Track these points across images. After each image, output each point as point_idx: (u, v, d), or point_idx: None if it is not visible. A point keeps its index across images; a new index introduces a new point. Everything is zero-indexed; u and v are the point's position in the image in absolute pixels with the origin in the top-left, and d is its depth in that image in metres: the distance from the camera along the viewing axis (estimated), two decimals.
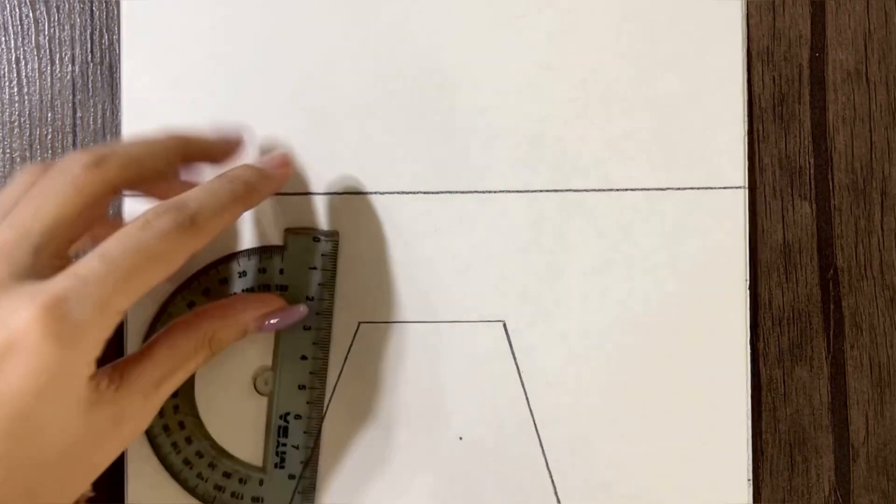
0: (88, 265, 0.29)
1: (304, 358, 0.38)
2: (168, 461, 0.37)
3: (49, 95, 0.39)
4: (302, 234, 0.38)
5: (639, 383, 0.38)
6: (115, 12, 0.39)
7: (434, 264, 0.39)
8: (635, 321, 0.38)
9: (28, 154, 0.39)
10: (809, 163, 0.39)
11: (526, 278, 0.38)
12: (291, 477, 0.38)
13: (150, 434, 0.37)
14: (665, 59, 0.39)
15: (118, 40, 0.39)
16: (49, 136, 0.39)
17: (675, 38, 0.39)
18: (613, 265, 0.38)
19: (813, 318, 0.39)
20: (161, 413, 0.37)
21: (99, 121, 0.39)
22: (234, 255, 0.38)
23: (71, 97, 0.39)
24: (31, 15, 0.39)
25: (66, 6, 0.39)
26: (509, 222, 0.39)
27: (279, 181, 0.36)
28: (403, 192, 0.39)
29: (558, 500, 0.38)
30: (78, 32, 0.39)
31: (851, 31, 0.39)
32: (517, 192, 0.39)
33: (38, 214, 0.30)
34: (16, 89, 0.39)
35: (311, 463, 0.38)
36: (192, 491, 0.37)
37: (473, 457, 0.38)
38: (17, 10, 0.39)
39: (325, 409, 0.38)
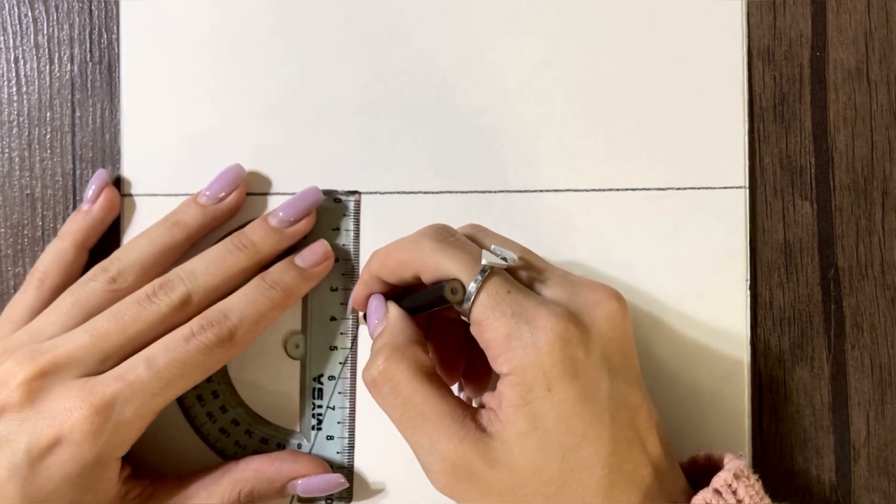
0: (135, 371, 0.32)
1: (333, 319, 0.38)
2: (204, 431, 0.38)
3: (48, 95, 0.39)
4: (318, 189, 0.38)
5: None
6: (115, 12, 0.39)
7: None
8: (635, 321, 0.38)
9: (27, 153, 0.39)
10: (810, 162, 0.39)
11: None
12: (330, 438, 0.38)
13: (184, 405, 0.38)
14: (665, 59, 0.39)
15: (117, 40, 0.39)
16: (48, 136, 0.39)
17: (675, 38, 0.39)
18: (613, 265, 0.38)
19: (814, 318, 0.39)
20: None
21: (98, 120, 0.39)
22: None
23: (70, 97, 0.39)
24: (29, 14, 0.39)
25: (65, 6, 0.39)
26: (509, 222, 0.38)
27: (319, 279, 0.37)
28: (403, 192, 0.39)
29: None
30: (77, 32, 0.39)
31: (852, 30, 0.39)
32: (517, 192, 0.39)
33: (119, 338, 0.33)
34: (14, 89, 0.39)
35: (347, 423, 0.38)
36: (230, 458, 0.38)
37: None
38: (16, 10, 0.39)
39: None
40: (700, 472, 0.33)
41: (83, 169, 0.39)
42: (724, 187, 0.39)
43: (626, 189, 0.39)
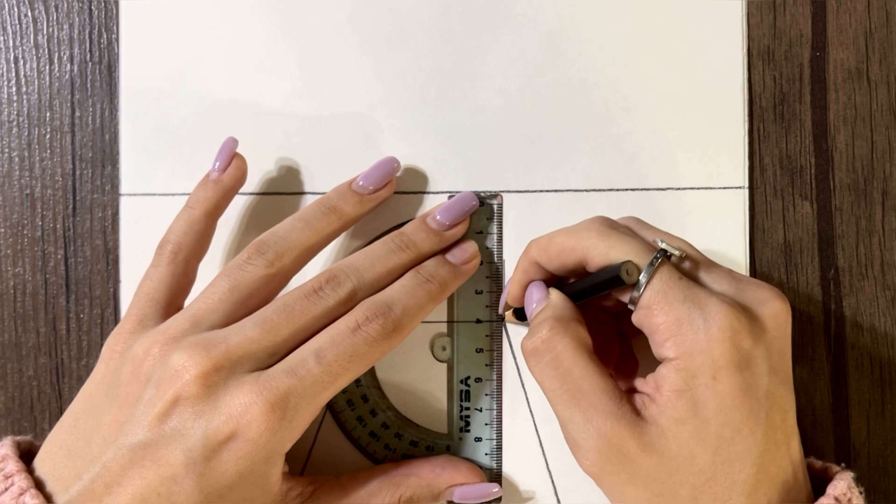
0: (306, 365, 0.32)
1: (478, 321, 0.38)
2: (354, 435, 0.38)
3: (48, 95, 0.39)
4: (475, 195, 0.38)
5: None
6: (114, 12, 0.39)
7: None
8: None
9: (27, 153, 0.39)
10: (810, 162, 0.39)
11: None
12: (478, 440, 0.38)
13: (334, 409, 0.38)
14: (665, 59, 0.39)
15: (117, 40, 0.39)
16: (48, 136, 0.39)
17: (675, 38, 0.39)
18: None
19: (814, 318, 0.39)
20: (344, 389, 0.37)
21: (97, 120, 0.39)
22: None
23: (69, 96, 0.39)
24: (29, 14, 0.39)
25: (65, 5, 0.39)
26: (509, 222, 0.39)
27: (468, 276, 0.37)
28: (403, 192, 0.39)
29: (558, 500, 0.38)
30: (77, 32, 0.39)
31: (852, 30, 0.39)
32: (518, 192, 0.39)
33: (288, 331, 0.33)
34: (14, 89, 0.39)
35: (495, 424, 0.38)
36: (380, 462, 0.38)
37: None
38: (16, 10, 0.39)
39: (325, 410, 0.38)
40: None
41: (83, 169, 0.39)
42: (724, 187, 0.39)
43: (626, 189, 0.39)
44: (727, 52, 0.39)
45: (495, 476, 0.38)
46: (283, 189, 0.38)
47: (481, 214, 0.38)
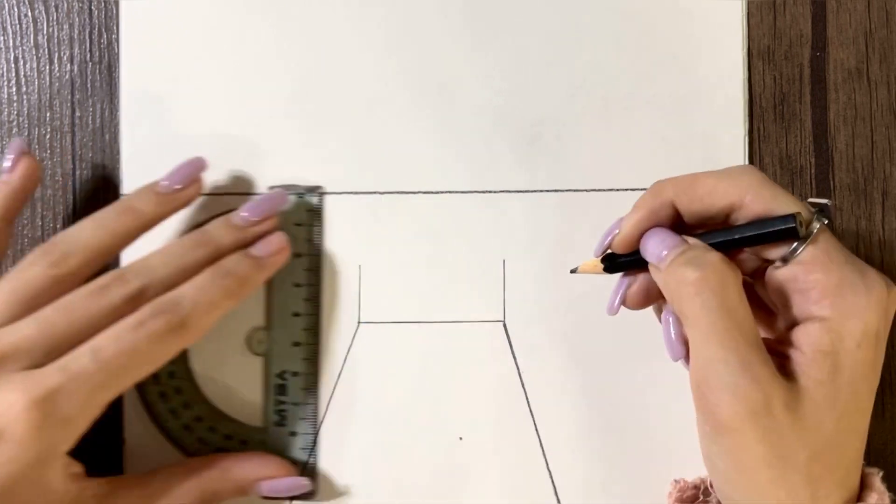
0: (80, 362, 0.31)
1: (296, 315, 0.38)
2: (167, 427, 0.37)
3: (48, 95, 0.39)
4: (286, 191, 0.38)
5: (639, 383, 0.38)
6: (114, 12, 0.39)
7: (434, 264, 0.38)
8: (635, 321, 0.38)
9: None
10: (810, 162, 0.39)
11: (526, 278, 0.38)
12: (293, 434, 0.38)
13: (146, 401, 0.37)
14: (665, 59, 0.39)
15: (117, 40, 0.39)
16: (48, 136, 0.39)
17: (675, 38, 0.39)
18: None
19: None
20: (157, 380, 0.37)
21: (98, 120, 0.39)
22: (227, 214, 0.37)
23: (69, 97, 0.39)
24: (29, 14, 0.39)
25: (65, 5, 0.39)
26: (509, 222, 0.39)
27: (274, 268, 0.36)
28: (403, 192, 0.39)
29: (558, 500, 0.38)
30: (77, 32, 0.39)
31: (852, 30, 0.39)
32: (517, 192, 0.39)
33: (67, 329, 0.32)
34: (14, 89, 0.39)
35: (311, 419, 0.38)
36: (193, 455, 0.37)
37: (473, 457, 0.38)
38: (16, 10, 0.39)
39: (325, 409, 0.38)
40: None
41: (83, 169, 0.39)
42: None
43: (626, 189, 0.39)
44: (727, 52, 0.39)
45: (310, 470, 0.38)
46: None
47: (301, 207, 0.38)
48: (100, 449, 0.32)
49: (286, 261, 0.36)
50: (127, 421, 0.38)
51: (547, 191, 0.39)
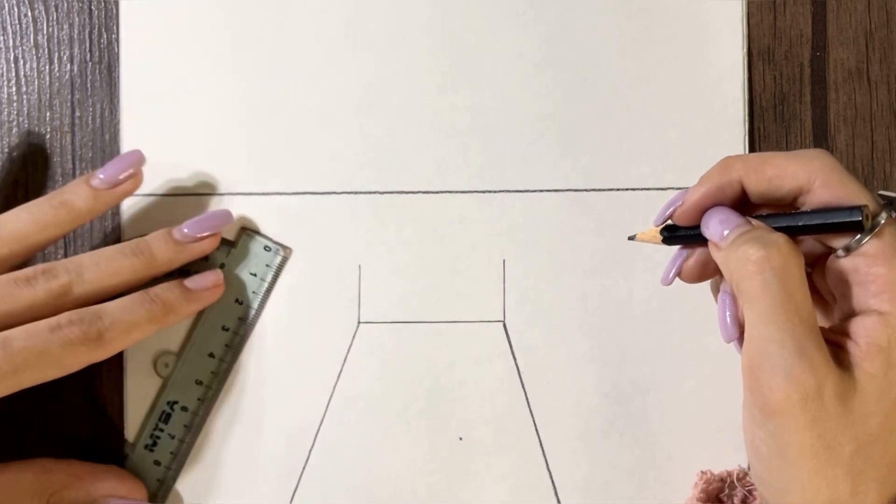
0: None
1: (211, 356, 0.38)
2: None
3: (48, 95, 0.39)
4: (255, 238, 0.38)
5: (639, 383, 0.38)
6: (114, 11, 0.39)
7: (434, 264, 0.39)
8: (635, 321, 0.38)
9: (27, 153, 0.39)
10: None
11: (526, 278, 0.38)
12: (157, 463, 0.38)
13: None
14: (665, 59, 0.39)
15: (117, 40, 0.39)
16: (48, 136, 0.39)
17: (675, 38, 0.39)
18: (613, 265, 0.38)
19: None
20: None
21: (97, 120, 0.39)
22: None
23: (69, 96, 0.39)
24: (29, 14, 0.39)
25: (65, 5, 0.39)
26: (509, 222, 0.39)
27: (204, 303, 0.36)
28: (403, 192, 0.39)
29: (558, 501, 0.38)
30: (77, 32, 0.39)
31: (852, 30, 0.39)
32: (517, 191, 0.39)
33: None
34: (14, 88, 0.39)
35: (179, 457, 0.38)
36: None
37: (473, 457, 0.38)
38: (16, 9, 0.39)
39: (325, 409, 0.38)
40: None
41: (83, 169, 0.39)
42: None
43: (626, 189, 0.39)
44: (727, 52, 0.39)
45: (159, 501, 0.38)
46: (283, 189, 0.38)
47: (262, 259, 0.38)
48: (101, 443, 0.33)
49: (217, 298, 0.37)
50: (127, 421, 0.38)
51: (547, 191, 0.39)
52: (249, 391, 0.38)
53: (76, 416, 0.38)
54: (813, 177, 0.30)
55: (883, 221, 0.29)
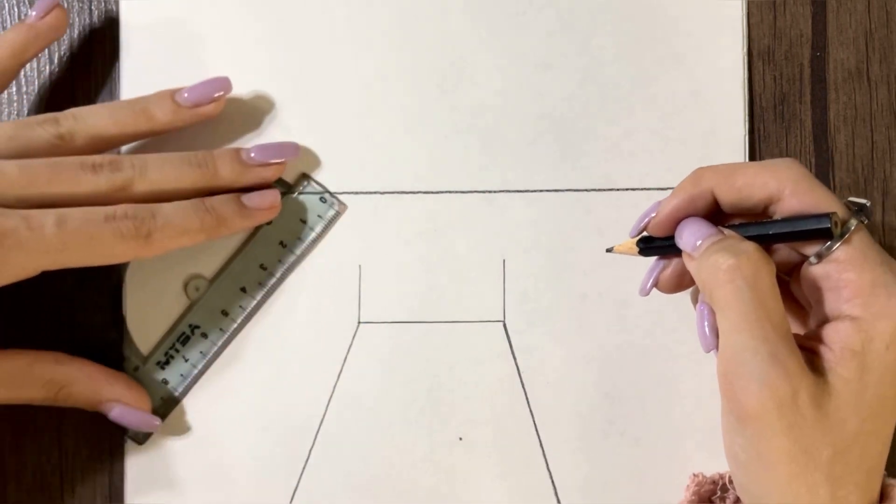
0: (42, 221, 0.31)
1: (243, 290, 0.38)
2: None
3: (47, 95, 0.39)
4: (312, 185, 0.38)
5: (639, 384, 0.38)
6: (115, 12, 0.39)
7: (434, 264, 0.39)
8: (635, 321, 0.38)
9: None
10: (811, 162, 0.39)
11: (526, 278, 0.38)
12: (164, 382, 0.38)
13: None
14: (665, 59, 0.39)
15: (117, 40, 0.39)
16: None
17: (675, 38, 0.39)
18: (613, 265, 0.38)
19: None
20: None
21: None
22: None
23: (70, 97, 0.39)
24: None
25: (65, 6, 0.39)
26: (509, 222, 0.39)
27: (257, 221, 0.37)
28: (403, 192, 0.39)
29: (558, 500, 0.38)
30: (77, 32, 0.39)
31: (852, 30, 0.39)
32: (517, 191, 0.39)
33: (46, 188, 0.33)
34: (14, 88, 0.39)
35: (188, 382, 0.38)
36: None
37: (473, 457, 0.38)
38: (16, 10, 0.39)
39: (325, 409, 0.38)
40: None
41: None
42: None
43: (626, 189, 0.39)
44: (727, 51, 0.39)
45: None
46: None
47: (315, 209, 0.38)
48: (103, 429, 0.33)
49: (271, 218, 0.37)
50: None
51: (547, 191, 0.39)
52: (249, 391, 0.38)
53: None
54: (782, 186, 0.30)
55: (853, 228, 0.29)
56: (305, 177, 0.38)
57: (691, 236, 0.31)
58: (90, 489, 0.38)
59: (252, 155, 0.36)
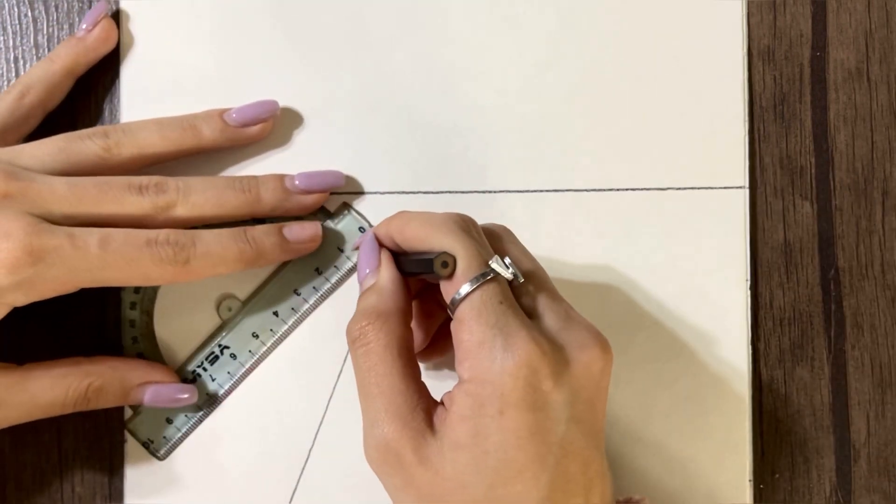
0: (87, 239, 0.32)
1: (275, 314, 0.38)
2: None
3: None
4: (352, 215, 0.38)
5: (639, 384, 0.38)
6: (114, 12, 0.39)
7: None
8: (635, 321, 0.38)
9: None
10: (810, 162, 0.39)
11: None
12: None
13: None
14: (665, 59, 0.39)
15: (117, 39, 0.39)
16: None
17: (675, 38, 0.39)
18: (613, 265, 0.38)
19: (814, 319, 0.39)
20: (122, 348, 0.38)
21: (98, 120, 0.39)
22: None
23: (69, 97, 0.39)
24: (29, 14, 0.39)
25: (65, 5, 0.39)
26: (509, 222, 0.38)
27: (295, 255, 0.37)
28: (403, 192, 0.39)
29: None
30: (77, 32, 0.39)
31: (852, 30, 0.39)
32: (517, 191, 0.39)
33: (94, 207, 0.33)
34: None
35: (211, 403, 0.38)
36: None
37: None
38: (16, 9, 0.39)
39: (325, 409, 0.38)
40: None
41: None
42: (724, 187, 0.39)
43: (626, 189, 0.39)
44: (727, 52, 0.39)
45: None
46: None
47: (353, 238, 0.38)
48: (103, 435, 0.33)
49: (311, 251, 0.37)
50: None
51: (547, 191, 0.39)
52: (249, 391, 0.38)
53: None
54: (431, 240, 0.31)
55: (471, 288, 0.29)
56: (346, 206, 0.38)
57: (360, 272, 0.34)
58: (90, 489, 0.38)
59: (297, 182, 0.37)
